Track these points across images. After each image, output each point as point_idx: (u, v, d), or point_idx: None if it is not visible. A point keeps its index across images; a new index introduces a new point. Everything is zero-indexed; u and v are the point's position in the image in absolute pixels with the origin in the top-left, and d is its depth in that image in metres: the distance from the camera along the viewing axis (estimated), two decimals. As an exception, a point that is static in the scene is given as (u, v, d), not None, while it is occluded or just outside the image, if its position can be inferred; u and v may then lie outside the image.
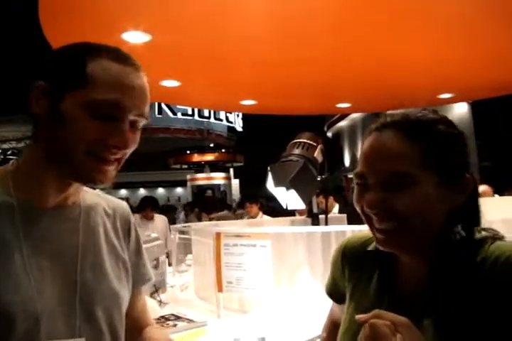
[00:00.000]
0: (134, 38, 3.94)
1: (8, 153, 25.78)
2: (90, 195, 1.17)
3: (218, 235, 2.82)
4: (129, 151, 1.05)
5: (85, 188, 1.16)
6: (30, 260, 0.98)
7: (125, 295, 1.16)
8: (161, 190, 29.25)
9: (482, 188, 6.23)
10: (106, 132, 0.98)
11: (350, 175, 21.16)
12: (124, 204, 1.29)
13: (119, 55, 1.02)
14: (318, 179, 3.02)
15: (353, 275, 1.17)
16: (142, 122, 1.05)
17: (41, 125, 1.01)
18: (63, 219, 1.07)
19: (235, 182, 24.84)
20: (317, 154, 3.02)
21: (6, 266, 0.95)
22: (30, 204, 1.02)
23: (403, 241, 0.97)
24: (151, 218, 6.43)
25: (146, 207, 6.45)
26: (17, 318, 0.93)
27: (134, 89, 1.01)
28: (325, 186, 3.32)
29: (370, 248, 1.11)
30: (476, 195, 1.02)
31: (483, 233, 0.99)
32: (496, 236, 0.99)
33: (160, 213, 6.96)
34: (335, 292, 1.25)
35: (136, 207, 6.66)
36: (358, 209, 1.01)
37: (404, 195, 0.93)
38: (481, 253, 0.94)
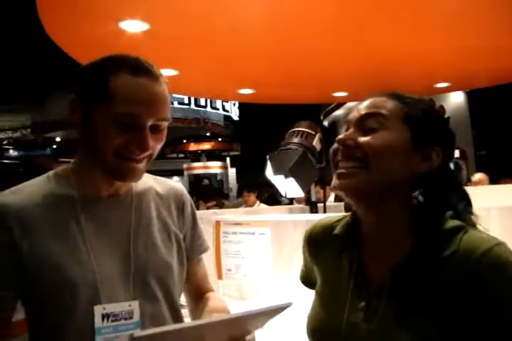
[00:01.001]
0: (132, 26, 3.93)
1: (5, 142, 25.68)
2: (144, 181, 1.34)
3: (217, 223, 2.85)
4: (154, 151, 1.21)
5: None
6: (90, 240, 1.19)
7: (176, 265, 1.32)
8: (157, 179, 29.18)
9: (478, 176, 6.28)
10: (127, 139, 1.14)
11: (346, 164, 21.18)
12: (178, 185, 1.46)
13: (138, 67, 1.16)
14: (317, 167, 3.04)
15: (320, 261, 1.20)
16: (165, 124, 1.20)
17: (79, 132, 1.21)
18: (116, 206, 1.27)
19: (232, 171, 24.81)
20: (316, 142, 3.03)
21: (70, 245, 1.17)
22: (87, 195, 1.23)
23: (359, 183, 1.00)
24: None
25: None
26: (80, 286, 1.14)
27: (153, 99, 1.15)
28: (322, 175, 3.34)
29: (336, 232, 1.13)
30: (442, 171, 1.05)
31: (455, 222, 1.00)
32: (467, 225, 1.00)
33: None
34: (307, 279, 1.30)
35: None
36: (331, 155, 1.08)
37: (372, 135, 1.01)
38: (452, 244, 0.95)
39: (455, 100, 12.43)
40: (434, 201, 1.02)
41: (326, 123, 28.12)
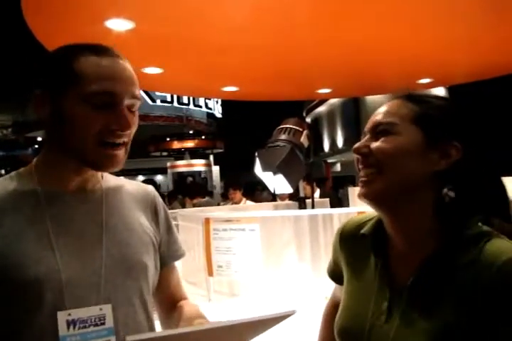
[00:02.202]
0: (118, 25, 3.91)
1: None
2: (113, 180, 1.29)
3: (207, 220, 2.87)
4: (132, 133, 1.16)
5: (106, 174, 1.27)
6: (56, 238, 1.10)
7: (152, 268, 1.25)
8: (141, 178, 29.12)
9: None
10: (108, 119, 1.10)
11: (329, 160, 21.27)
12: (149, 186, 1.40)
13: (100, 49, 1.13)
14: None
15: (350, 258, 1.20)
16: (137, 104, 1.17)
17: (50, 127, 1.14)
18: (85, 201, 1.18)
19: (216, 169, 24.76)
20: (303, 139, 3.08)
21: (33, 243, 1.08)
22: (53, 190, 1.15)
23: (377, 190, 1.02)
24: None
25: None
26: (44, 286, 1.05)
27: (122, 75, 1.12)
28: (308, 171, 3.37)
29: (363, 231, 1.14)
30: (464, 165, 1.03)
31: (480, 228, 0.99)
32: (493, 232, 0.99)
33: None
34: (335, 273, 1.28)
35: None
36: (355, 164, 1.09)
37: (383, 142, 1.03)
38: (474, 251, 0.95)
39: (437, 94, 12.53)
40: (457, 199, 1.00)
41: (308, 119, 28.23)
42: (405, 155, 1.01)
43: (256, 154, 3.04)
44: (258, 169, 3.02)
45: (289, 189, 3.05)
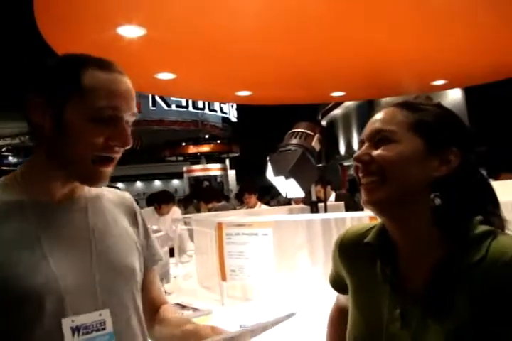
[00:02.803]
0: (129, 32, 3.96)
1: (3, 149, 25.66)
2: (93, 188, 1.26)
3: (220, 225, 2.88)
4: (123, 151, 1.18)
5: None
6: (49, 247, 1.09)
7: (139, 271, 1.27)
8: (157, 183, 29.29)
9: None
10: (110, 134, 1.11)
11: (345, 163, 21.19)
12: (127, 193, 1.41)
13: (104, 64, 1.14)
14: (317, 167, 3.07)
15: (353, 269, 1.19)
16: (133, 119, 1.18)
17: (44, 134, 1.11)
18: (71, 210, 1.18)
19: (232, 173, 24.82)
20: (315, 143, 3.07)
21: (26, 253, 1.06)
22: (39, 200, 1.14)
23: (381, 197, 1.03)
24: (166, 213, 6.31)
25: (153, 204, 6.44)
26: (45, 297, 1.04)
27: (126, 92, 1.14)
28: (322, 175, 3.37)
29: (367, 240, 1.14)
30: (465, 171, 1.05)
31: (483, 227, 0.99)
32: (497, 230, 1.00)
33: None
34: (337, 283, 1.28)
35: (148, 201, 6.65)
36: (354, 172, 1.10)
37: (385, 150, 1.04)
38: (481, 250, 0.96)
39: (453, 97, 12.45)
40: (457, 203, 1.02)
41: (324, 122, 28.17)
42: (407, 162, 1.02)
43: (268, 158, 3.04)
44: (270, 173, 3.02)
45: (300, 193, 3.04)
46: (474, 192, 1.06)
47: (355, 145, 24.04)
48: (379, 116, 1.10)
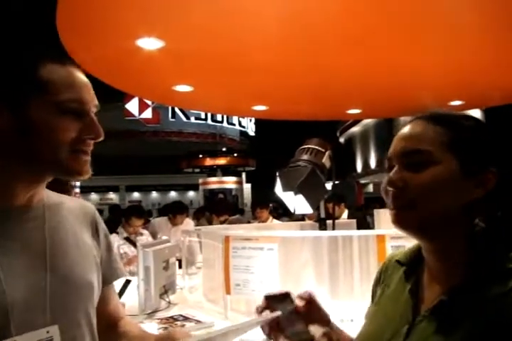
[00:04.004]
0: (148, 44, 4.02)
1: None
2: (54, 196, 1.21)
3: (227, 238, 2.87)
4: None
5: (47, 190, 1.20)
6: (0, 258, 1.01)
7: (97, 287, 1.20)
8: (173, 194, 29.35)
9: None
10: (81, 128, 1.07)
11: (362, 181, 21.11)
12: (89, 204, 1.34)
13: (61, 57, 1.10)
14: (331, 184, 3.06)
15: (383, 284, 1.18)
16: (95, 111, 1.13)
17: (4, 136, 1.03)
18: (28, 218, 1.10)
19: (247, 187, 24.80)
20: (325, 160, 3.07)
21: None
22: None
23: (409, 222, 0.98)
24: (180, 223, 6.39)
25: (167, 214, 6.53)
26: None
27: (87, 84, 1.12)
28: (335, 192, 3.36)
29: (398, 257, 1.13)
30: (502, 193, 0.97)
31: None
32: None
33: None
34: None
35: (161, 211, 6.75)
36: (383, 193, 1.02)
37: (422, 176, 0.95)
38: (507, 285, 0.89)
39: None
40: (496, 226, 0.96)
41: (342, 139, 28.13)
42: (441, 188, 0.95)
43: (277, 174, 3.05)
44: (279, 189, 3.02)
45: (309, 209, 3.04)
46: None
47: (372, 163, 23.98)
48: (407, 131, 1.02)
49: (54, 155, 1.04)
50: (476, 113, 12.42)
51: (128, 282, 3.18)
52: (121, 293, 3.04)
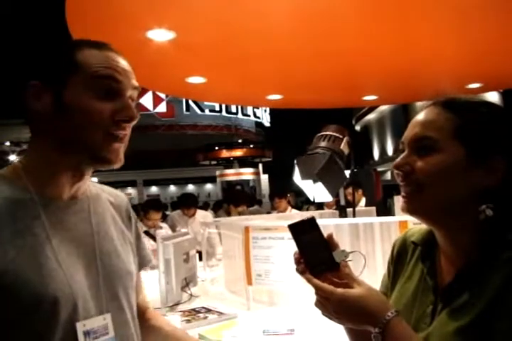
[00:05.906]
0: (159, 35, 3.98)
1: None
2: (93, 187, 1.25)
3: (247, 229, 2.85)
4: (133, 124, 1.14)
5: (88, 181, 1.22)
6: (59, 248, 1.05)
7: (135, 274, 1.26)
8: (191, 187, 29.46)
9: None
10: (115, 109, 1.08)
11: (379, 169, 20.99)
12: (121, 193, 1.39)
13: (98, 43, 1.12)
14: (349, 172, 3.02)
15: (400, 268, 1.20)
16: (136, 94, 1.15)
17: (46, 120, 1.06)
18: (77, 210, 1.14)
19: (264, 178, 24.84)
20: (343, 146, 3.01)
21: (38, 257, 1.01)
22: (48, 197, 1.08)
23: (418, 207, 1.02)
24: (192, 215, 6.46)
25: (178, 207, 6.59)
26: (59, 303, 1.00)
27: (124, 66, 1.12)
28: (354, 179, 3.32)
29: (413, 239, 1.16)
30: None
31: None
32: None
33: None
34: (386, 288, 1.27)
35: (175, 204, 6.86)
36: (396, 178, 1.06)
37: (426, 160, 1.00)
38: (502, 273, 0.92)
39: (489, 100, 12.22)
40: (508, 215, 0.98)
41: (358, 127, 27.98)
42: (446, 173, 0.98)
43: (295, 161, 3.00)
44: (297, 177, 2.98)
45: (328, 197, 3.00)
46: None
47: (389, 151, 23.83)
48: (421, 117, 1.05)
49: (90, 139, 1.06)
50: (494, 96, 12.25)
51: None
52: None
